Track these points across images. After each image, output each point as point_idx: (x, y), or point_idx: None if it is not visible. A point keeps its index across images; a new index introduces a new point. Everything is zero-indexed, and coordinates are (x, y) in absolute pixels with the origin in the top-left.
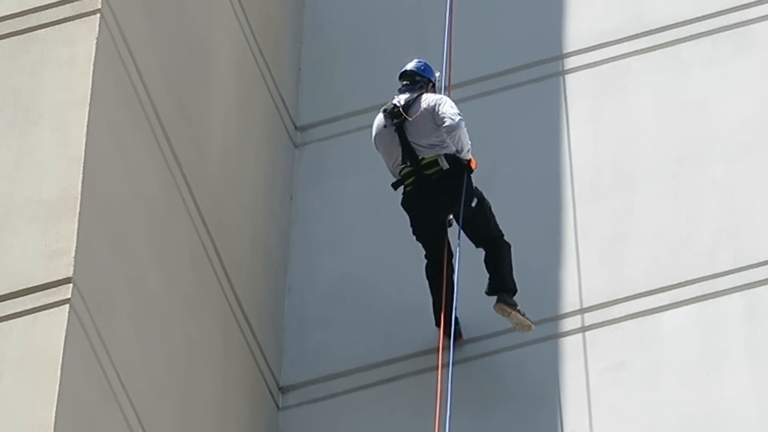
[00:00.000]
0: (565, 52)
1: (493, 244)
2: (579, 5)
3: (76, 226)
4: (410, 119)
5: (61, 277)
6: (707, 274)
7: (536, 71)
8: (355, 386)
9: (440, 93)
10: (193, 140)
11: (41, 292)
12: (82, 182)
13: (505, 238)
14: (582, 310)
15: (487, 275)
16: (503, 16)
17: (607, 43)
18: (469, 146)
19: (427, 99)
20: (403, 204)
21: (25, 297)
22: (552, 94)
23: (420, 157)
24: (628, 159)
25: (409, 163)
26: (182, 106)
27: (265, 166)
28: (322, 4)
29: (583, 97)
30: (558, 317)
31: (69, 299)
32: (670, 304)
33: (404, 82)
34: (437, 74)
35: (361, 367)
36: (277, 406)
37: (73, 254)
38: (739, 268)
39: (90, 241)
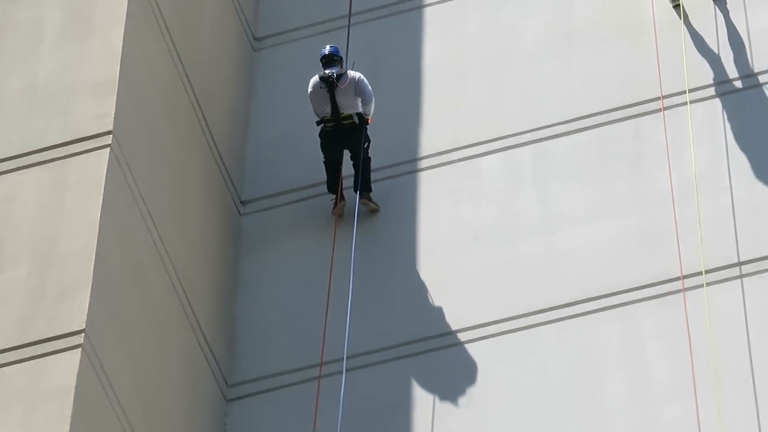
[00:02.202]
0: None
1: (364, 162)
2: None
3: (115, 99)
4: (341, 87)
5: (104, 130)
6: (511, 132)
7: (409, 4)
8: (292, 200)
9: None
10: (191, 46)
11: (92, 140)
12: (120, 72)
13: (369, 153)
14: (432, 155)
15: (353, 173)
16: None
17: None
18: (372, 111)
19: (351, 74)
20: (321, 135)
21: (82, 143)
22: (417, 21)
23: (341, 111)
24: (465, 59)
25: (332, 114)
26: (183, 26)
27: (235, 63)
28: None
29: (436, 23)
30: (416, 159)
31: (110, 144)
32: (486, 152)
33: (324, 62)
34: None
35: (294, 188)
36: (239, 212)
37: (112, 116)
38: (534, 128)
39: (125, 108)
